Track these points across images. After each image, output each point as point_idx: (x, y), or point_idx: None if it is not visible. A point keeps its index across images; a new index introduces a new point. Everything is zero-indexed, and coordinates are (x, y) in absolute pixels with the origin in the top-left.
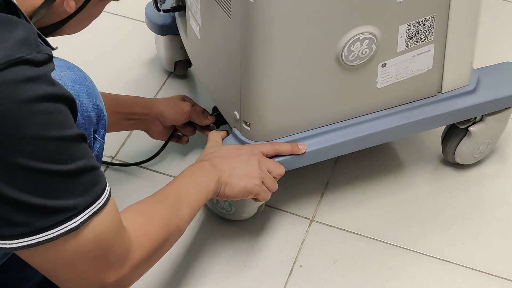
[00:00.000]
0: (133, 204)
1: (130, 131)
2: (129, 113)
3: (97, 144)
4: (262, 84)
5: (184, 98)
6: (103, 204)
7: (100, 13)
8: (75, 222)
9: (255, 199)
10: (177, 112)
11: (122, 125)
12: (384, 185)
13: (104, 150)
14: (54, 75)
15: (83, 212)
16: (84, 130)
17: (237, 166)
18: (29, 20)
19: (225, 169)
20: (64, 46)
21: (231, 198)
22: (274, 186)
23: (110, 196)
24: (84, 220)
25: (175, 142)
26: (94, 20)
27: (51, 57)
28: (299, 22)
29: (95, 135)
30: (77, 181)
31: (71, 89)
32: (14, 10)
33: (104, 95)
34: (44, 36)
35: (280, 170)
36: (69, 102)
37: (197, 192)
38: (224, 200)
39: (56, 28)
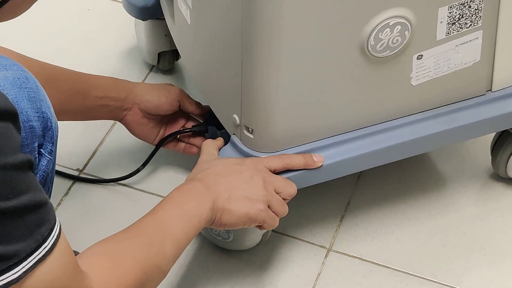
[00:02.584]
0: (98, 242)
1: (102, 138)
2: (103, 97)
3: (43, 162)
4: (268, 81)
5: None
6: (50, 247)
7: None
8: (16, 273)
9: (260, 227)
10: (162, 95)
11: (93, 112)
12: (419, 207)
13: (69, 161)
14: None
15: (25, 260)
16: (25, 145)
17: (237, 187)
18: None
19: (222, 191)
20: (19, 32)
21: (229, 227)
22: (283, 210)
23: (59, 237)
24: (27, 270)
25: (176, 149)
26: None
27: None
28: (314, 3)
29: (41, 150)
30: (19, 221)
31: (8, 93)
32: None
33: (74, 74)
34: None
35: (291, 190)
36: (11, 117)
37: (186, 222)
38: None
39: None
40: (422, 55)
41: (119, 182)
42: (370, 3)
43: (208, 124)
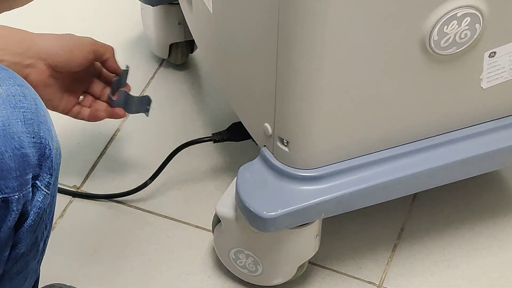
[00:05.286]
0: None
1: (102, 149)
2: None
3: (39, 197)
4: (308, 84)
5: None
6: None
7: None
8: None
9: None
10: (73, 45)
11: None
12: (489, 234)
13: (64, 176)
14: None
15: None
16: (15, 178)
17: None
18: None
19: None
20: (11, 17)
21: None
22: None
23: None
24: None
25: (80, 117)
26: None
27: None
28: None
29: (36, 182)
30: None
31: None
32: None
33: None
34: None
35: None
36: None
37: None
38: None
39: None
40: (495, 53)
41: (124, 201)
42: None
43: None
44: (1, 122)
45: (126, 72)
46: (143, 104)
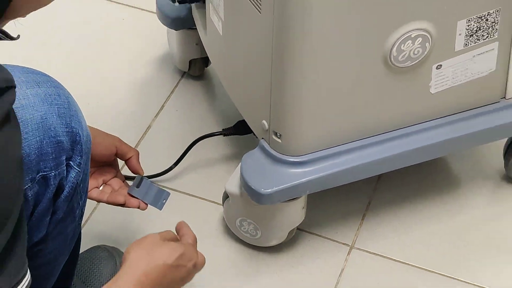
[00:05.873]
0: None
1: (137, 142)
2: None
3: (72, 174)
4: (296, 89)
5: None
6: None
7: None
8: None
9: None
10: (97, 134)
11: None
12: (437, 206)
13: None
14: (19, 94)
15: None
16: (51, 159)
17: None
18: None
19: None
20: (55, 41)
21: None
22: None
23: None
24: None
25: (99, 198)
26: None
27: (6, 88)
28: (341, 17)
29: (70, 162)
30: None
31: (38, 110)
32: None
33: None
34: None
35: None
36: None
37: None
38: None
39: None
40: (441, 65)
41: (154, 182)
42: (393, 17)
43: (236, 128)
44: (40, 117)
45: (148, 180)
46: (160, 197)
